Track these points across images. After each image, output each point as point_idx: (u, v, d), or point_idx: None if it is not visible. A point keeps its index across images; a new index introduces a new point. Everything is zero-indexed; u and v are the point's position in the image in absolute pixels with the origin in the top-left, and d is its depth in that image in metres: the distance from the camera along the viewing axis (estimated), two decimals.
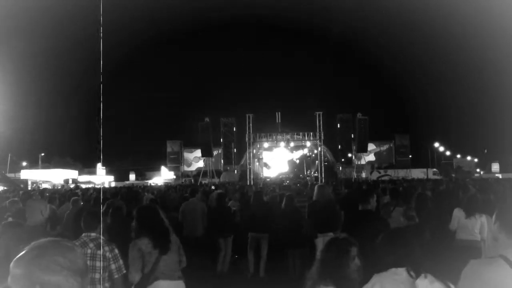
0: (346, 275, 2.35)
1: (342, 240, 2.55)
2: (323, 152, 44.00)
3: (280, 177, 46.20)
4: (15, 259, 1.35)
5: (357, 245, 2.45)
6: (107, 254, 3.41)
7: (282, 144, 44.04)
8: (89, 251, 3.40)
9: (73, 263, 1.36)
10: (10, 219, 5.55)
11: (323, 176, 40.09)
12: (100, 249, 3.42)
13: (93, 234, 3.54)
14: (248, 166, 42.51)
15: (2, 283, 1.88)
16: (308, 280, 2.45)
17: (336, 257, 2.40)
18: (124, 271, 3.51)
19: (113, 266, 3.41)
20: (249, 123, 41.54)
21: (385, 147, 59.59)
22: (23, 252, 1.36)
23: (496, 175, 47.61)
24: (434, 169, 50.66)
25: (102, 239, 3.53)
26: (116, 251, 3.50)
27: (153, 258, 3.69)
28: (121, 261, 3.50)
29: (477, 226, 5.53)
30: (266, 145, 44.96)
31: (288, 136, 43.71)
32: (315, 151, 44.62)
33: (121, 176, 53.20)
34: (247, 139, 42.04)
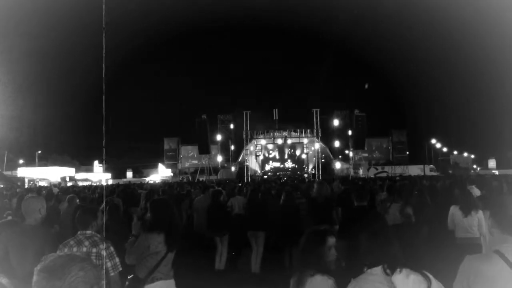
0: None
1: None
2: (320, 149, 44.01)
3: (278, 173, 46.23)
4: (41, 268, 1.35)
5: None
6: (102, 252, 3.39)
7: (280, 141, 44.03)
8: (84, 249, 3.37)
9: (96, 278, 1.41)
10: (9, 217, 5.54)
11: (320, 172, 40.15)
12: (95, 247, 3.40)
13: (88, 232, 3.52)
14: (245, 163, 42.53)
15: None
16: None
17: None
18: (120, 269, 3.50)
19: (108, 264, 3.39)
20: (246, 120, 41.51)
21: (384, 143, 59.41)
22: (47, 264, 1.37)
23: (493, 171, 47.83)
24: (431, 165, 50.81)
25: (98, 237, 3.51)
26: (112, 248, 3.48)
27: (158, 256, 3.64)
28: (117, 259, 3.47)
29: (475, 223, 5.50)
30: (263, 142, 44.95)
31: (286, 133, 43.72)
32: (312, 148, 44.65)
33: (118, 173, 53.11)
34: (244, 136, 42.00)
